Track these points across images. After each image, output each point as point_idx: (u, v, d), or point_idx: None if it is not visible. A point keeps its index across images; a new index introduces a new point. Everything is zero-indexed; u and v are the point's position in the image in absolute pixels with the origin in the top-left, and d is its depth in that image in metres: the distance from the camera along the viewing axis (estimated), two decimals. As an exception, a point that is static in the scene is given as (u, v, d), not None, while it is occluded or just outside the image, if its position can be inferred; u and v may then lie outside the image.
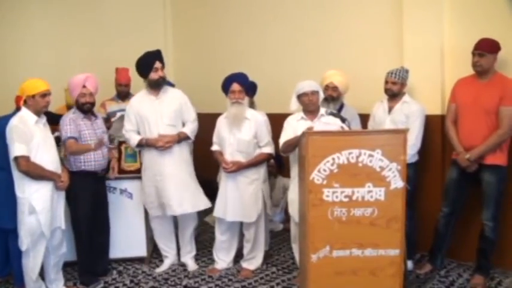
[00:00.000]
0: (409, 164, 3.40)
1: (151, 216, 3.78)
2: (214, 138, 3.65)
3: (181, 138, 3.61)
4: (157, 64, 3.54)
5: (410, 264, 3.62)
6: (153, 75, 3.54)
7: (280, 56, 4.90)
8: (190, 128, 3.66)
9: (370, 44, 4.16)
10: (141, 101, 3.63)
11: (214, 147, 3.66)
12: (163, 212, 3.66)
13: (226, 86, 3.51)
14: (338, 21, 4.39)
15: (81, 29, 5.23)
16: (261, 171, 3.62)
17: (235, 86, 3.46)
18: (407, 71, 3.55)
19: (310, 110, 3.24)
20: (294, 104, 3.32)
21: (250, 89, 3.87)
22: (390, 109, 3.59)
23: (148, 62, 3.54)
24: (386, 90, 3.57)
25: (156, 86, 3.59)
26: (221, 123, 3.60)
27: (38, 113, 3.14)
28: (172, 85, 4.02)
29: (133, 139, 3.63)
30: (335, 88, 3.69)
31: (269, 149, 3.58)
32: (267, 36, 5.00)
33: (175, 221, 4.03)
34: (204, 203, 3.70)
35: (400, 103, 3.55)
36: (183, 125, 3.67)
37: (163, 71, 3.58)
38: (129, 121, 3.65)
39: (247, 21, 5.19)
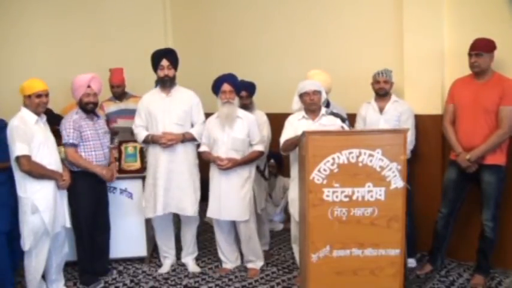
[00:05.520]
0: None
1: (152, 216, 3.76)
2: (204, 140, 3.64)
3: (186, 138, 3.61)
4: (164, 62, 3.56)
5: (413, 261, 3.63)
6: (159, 73, 3.60)
7: (280, 56, 4.89)
8: (198, 130, 3.65)
9: (370, 44, 4.16)
10: (152, 98, 3.67)
11: (203, 148, 3.64)
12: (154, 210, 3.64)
13: (217, 87, 3.54)
14: (338, 21, 4.39)
15: (81, 29, 5.23)
16: (253, 170, 3.64)
17: (226, 86, 3.48)
18: (391, 71, 3.64)
19: (311, 109, 3.24)
20: (296, 104, 3.33)
21: (248, 89, 3.87)
22: (381, 109, 3.62)
23: (154, 59, 3.61)
24: (379, 90, 3.63)
25: (163, 83, 3.62)
26: (212, 124, 3.60)
27: (36, 112, 3.15)
28: None
29: (141, 135, 3.66)
30: None
31: (261, 147, 3.60)
32: (267, 36, 5.00)
33: (176, 221, 4.04)
34: (192, 209, 3.63)
35: (391, 103, 3.63)
36: (192, 126, 3.68)
37: (171, 70, 3.60)
38: (139, 116, 3.69)
39: (247, 21, 5.19)
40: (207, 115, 3.73)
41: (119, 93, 4.40)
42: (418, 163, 3.71)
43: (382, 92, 3.62)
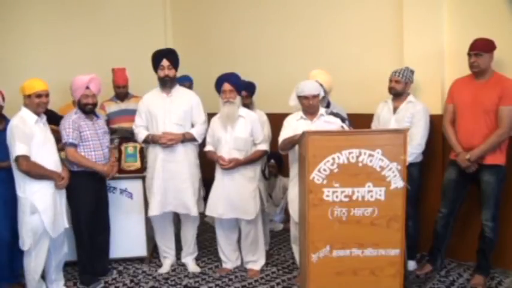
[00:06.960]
0: (414, 163, 3.45)
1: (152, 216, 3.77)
2: (208, 139, 3.65)
3: (186, 138, 3.61)
4: (164, 62, 3.57)
5: (413, 264, 3.63)
6: (159, 73, 3.61)
7: (280, 56, 4.89)
8: (198, 130, 3.66)
9: (370, 44, 4.17)
10: (153, 98, 3.68)
11: (208, 148, 3.65)
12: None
13: (218, 86, 3.54)
14: (338, 21, 4.39)
15: (81, 29, 5.23)
16: (258, 169, 3.64)
17: (226, 86, 3.48)
18: (412, 71, 3.58)
19: (310, 112, 3.24)
20: (293, 100, 3.33)
21: (247, 88, 3.87)
22: (395, 109, 3.61)
23: (155, 59, 3.62)
24: (390, 89, 3.59)
25: (163, 83, 3.62)
26: (215, 124, 3.60)
27: (36, 112, 3.15)
28: (190, 81, 4.00)
29: (141, 134, 3.67)
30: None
31: (264, 146, 3.60)
32: (267, 36, 5.00)
33: (176, 221, 4.05)
34: (194, 209, 3.65)
35: (405, 103, 3.57)
36: (192, 126, 3.68)
37: (171, 70, 3.60)
38: (140, 116, 3.71)
39: (247, 20, 5.19)
40: (208, 115, 3.74)
41: (124, 93, 4.41)
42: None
43: (392, 91, 3.58)
